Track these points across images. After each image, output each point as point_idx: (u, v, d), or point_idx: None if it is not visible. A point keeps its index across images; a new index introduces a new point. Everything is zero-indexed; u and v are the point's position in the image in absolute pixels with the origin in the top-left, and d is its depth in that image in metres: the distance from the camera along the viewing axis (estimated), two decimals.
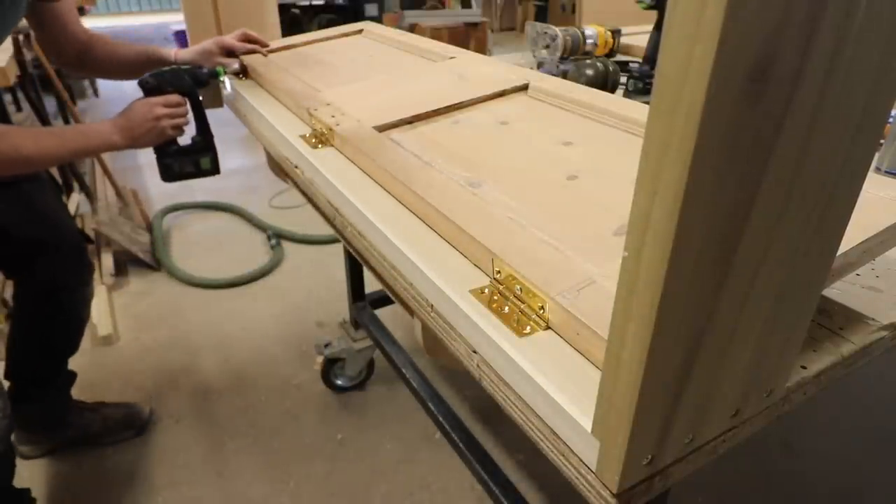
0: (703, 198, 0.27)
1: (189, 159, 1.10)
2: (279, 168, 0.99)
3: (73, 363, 1.36)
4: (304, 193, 0.88)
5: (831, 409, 1.51)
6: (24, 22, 1.04)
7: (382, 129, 0.81)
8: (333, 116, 0.83)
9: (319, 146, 0.81)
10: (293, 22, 4.71)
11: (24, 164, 0.88)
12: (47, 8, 1.04)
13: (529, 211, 0.61)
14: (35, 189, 1.16)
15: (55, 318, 1.25)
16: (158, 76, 1.02)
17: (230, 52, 1.18)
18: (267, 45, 1.22)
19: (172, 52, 1.17)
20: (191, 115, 1.07)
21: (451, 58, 1.10)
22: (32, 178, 1.16)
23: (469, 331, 0.50)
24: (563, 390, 0.42)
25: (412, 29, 4.50)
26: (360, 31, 1.39)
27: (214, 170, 1.13)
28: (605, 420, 0.36)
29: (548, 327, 0.48)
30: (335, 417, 1.50)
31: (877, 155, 1.03)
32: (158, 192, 2.75)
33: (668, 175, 0.26)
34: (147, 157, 3.19)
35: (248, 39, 1.21)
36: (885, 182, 0.59)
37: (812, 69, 0.27)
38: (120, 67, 1.15)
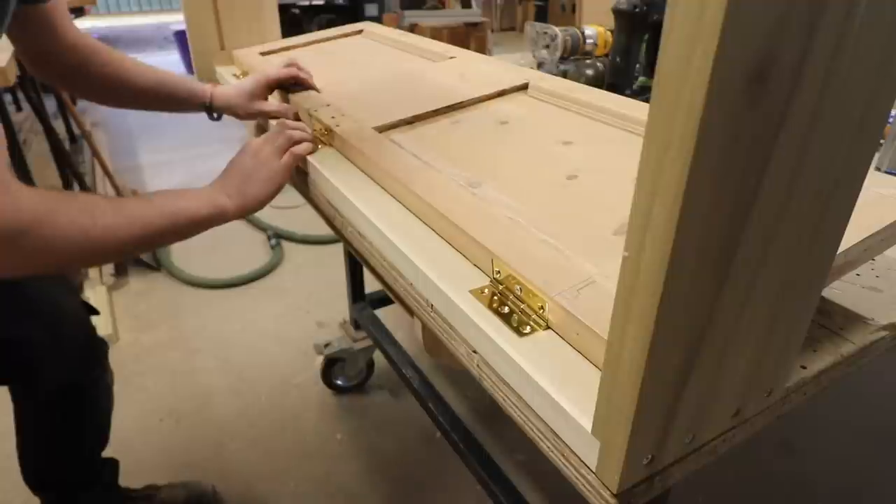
0: (702, 198, 0.27)
1: None
2: None
3: None
4: (303, 193, 0.88)
5: (831, 409, 1.51)
6: None
7: (382, 129, 0.82)
8: (333, 117, 0.83)
9: (319, 146, 0.81)
10: (293, 22, 4.71)
11: (90, 253, 0.58)
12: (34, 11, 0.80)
13: (529, 211, 0.61)
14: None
15: (73, 421, 1.05)
16: None
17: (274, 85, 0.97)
18: (310, 76, 0.99)
19: (208, 88, 0.95)
20: None
21: (451, 58, 1.10)
22: None
23: (469, 331, 0.50)
24: (563, 390, 0.42)
25: (412, 29, 4.50)
26: (360, 32, 1.39)
27: None
28: (605, 420, 0.36)
29: (548, 327, 0.48)
30: (335, 417, 1.50)
31: (877, 155, 1.03)
32: None
33: (668, 175, 0.26)
34: (147, 157, 3.20)
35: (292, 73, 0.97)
36: (886, 179, 0.59)
37: (812, 69, 0.27)
38: (127, 94, 0.92)
